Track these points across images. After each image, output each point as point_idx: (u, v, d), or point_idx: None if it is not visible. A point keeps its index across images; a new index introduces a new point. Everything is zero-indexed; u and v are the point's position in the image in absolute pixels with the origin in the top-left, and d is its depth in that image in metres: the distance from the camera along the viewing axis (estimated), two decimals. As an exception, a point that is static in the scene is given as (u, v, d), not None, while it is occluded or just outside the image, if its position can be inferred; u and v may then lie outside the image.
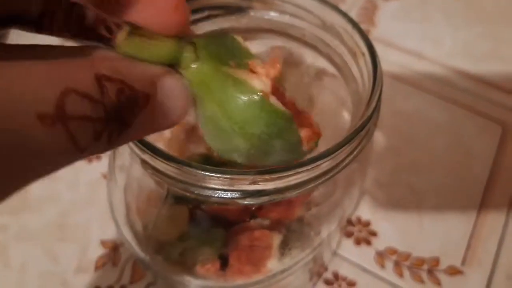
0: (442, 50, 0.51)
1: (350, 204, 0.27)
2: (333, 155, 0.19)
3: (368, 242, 0.38)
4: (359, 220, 0.39)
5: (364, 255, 0.37)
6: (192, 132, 0.32)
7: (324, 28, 0.24)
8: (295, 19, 0.24)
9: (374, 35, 0.52)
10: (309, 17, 0.24)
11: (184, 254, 0.27)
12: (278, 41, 0.25)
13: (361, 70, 0.22)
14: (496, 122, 0.45)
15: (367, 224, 0.39)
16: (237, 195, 0.18)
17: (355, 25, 0.23)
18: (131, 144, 0.19)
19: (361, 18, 0.54)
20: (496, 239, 0.38)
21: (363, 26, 0.53)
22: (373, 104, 0.20)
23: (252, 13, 0.24)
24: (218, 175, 0.18)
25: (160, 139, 0.31)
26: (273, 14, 0.24)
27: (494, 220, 0.40)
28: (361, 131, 0.19)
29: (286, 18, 0.24)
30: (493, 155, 0.43)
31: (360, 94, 0.22)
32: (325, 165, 0.19)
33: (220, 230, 0.28)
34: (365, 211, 0.39)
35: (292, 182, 0.18)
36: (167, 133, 0.32)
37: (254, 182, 0.18)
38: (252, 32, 0.25)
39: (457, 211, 0.40)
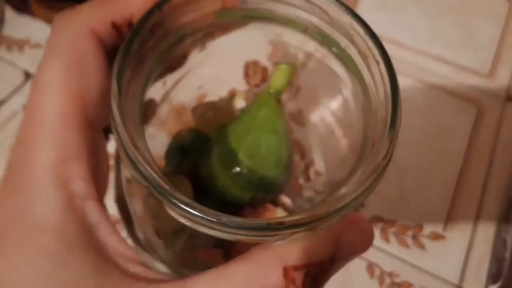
0: (418, 38, 0.52)
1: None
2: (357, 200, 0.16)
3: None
4: (346, 193, 0.39)
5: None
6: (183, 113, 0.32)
7: (331, 25, 0.21)
8: (300, 11, 0.21)
9: (356, 26, 0.53)
10: (316, 11, 0.21)
11: (189, 236, 0.26)
12: (276, 30, 0.23)
13: (373, 75, 0.20)
14: (471, 103, 0.46)
15: (354, 196, 0.39)
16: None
17: (367, 29, 0.19)
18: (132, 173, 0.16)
19: (343, 11, 0.55)
20: (475, 207, 0.39)
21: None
22: (394, 138, 0.18)
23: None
24: (247, 234, 0.15)
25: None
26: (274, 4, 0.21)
27: (471, 190, 0.41)
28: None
29: (291, 10, 0.21)
30: (469, 132, 0.44)
31: (372, 101, 0.20)
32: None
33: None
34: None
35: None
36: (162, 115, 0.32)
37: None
38: (247, 20, 0.22)
39: (437, 183, 0.41)
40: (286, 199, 0.29)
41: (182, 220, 0.16)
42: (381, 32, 0.51)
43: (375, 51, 0.19)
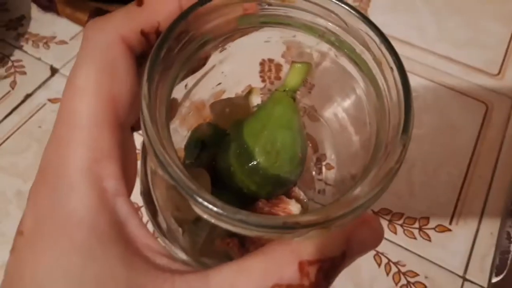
0: (428, 38, 0.53)
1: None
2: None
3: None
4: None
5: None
6: (202, 109, 0.33)
7: (348, 31, 0.21)
8: (317, 17, 0.22)
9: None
10: (332, 18, 0.21)
11: (209, 229, 0.27)
12: (293, 32, 0.24)
13: (386, 80, 0.20)
14: (480, 101, 0.47)
15: (363, 189, 0.40)
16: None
17: (382, 37, 0.20)
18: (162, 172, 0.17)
19: (356, 11, 0.56)
20: (481, 201, 0.40)
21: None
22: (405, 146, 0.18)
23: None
24: (266, 231, 0.16)
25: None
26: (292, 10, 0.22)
27: (478, 185, 0.41)
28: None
29: (308, 16, 0.22)
30: (477, 130, 0.45)
31: (385, 105, 0.20)
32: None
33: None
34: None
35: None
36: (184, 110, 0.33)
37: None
38: (266, 25, 0.23)
39: (445, 178, 0.42)
40: (299, 191, 0.30)
41: (206, 217, 0.17)
42: (392, 32, 0.52)
43: (389, 58, 0.20)
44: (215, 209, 0.16)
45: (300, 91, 0.29)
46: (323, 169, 0.33)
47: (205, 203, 0.16)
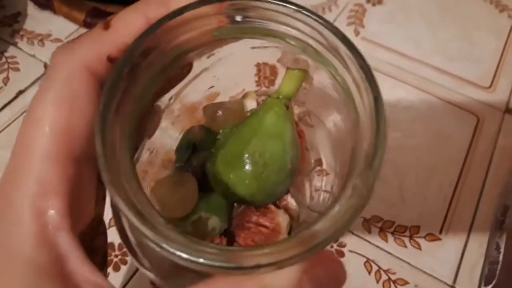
0: (422, 50, 0.53)
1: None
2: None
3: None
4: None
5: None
6: (194, 110, 0.32)
7: (329, 50, 0.20)
8: (300, 33, 0.21)
9: (363, 35, 0.54)
10: (316, 36, 0.20)
11: (195, 226, 0.26)
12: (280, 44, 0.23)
13: (365, 107, 0.19)
14: (472, 112, 0.47)
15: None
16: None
17: (362, 60, 0.19)
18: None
19: (351, 20, 0.56)
20: (471, 211, 0.40)
21: (352, 27, 0.56)
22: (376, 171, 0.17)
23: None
24: (225, 272, 0.16)
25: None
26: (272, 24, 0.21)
27: (468, 195, 0.41)
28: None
29: (292, 32, 0.21)
30: (468, 141, 0.45)
31: (360, 130, 0.19)
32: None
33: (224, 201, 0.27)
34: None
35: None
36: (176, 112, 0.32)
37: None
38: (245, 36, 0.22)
39: (435, 187, 0.42)
40: (290, 200, 0.29)
41: (165, 254, 0.16)
42: (387, 43, 0.52)
43: (367, 86, 0.18)
44: (171, 250, 0.16)
45: (298, 95, 0.28)
46: (319, 175, 0.33)
47: (163, 247, 0.16)
